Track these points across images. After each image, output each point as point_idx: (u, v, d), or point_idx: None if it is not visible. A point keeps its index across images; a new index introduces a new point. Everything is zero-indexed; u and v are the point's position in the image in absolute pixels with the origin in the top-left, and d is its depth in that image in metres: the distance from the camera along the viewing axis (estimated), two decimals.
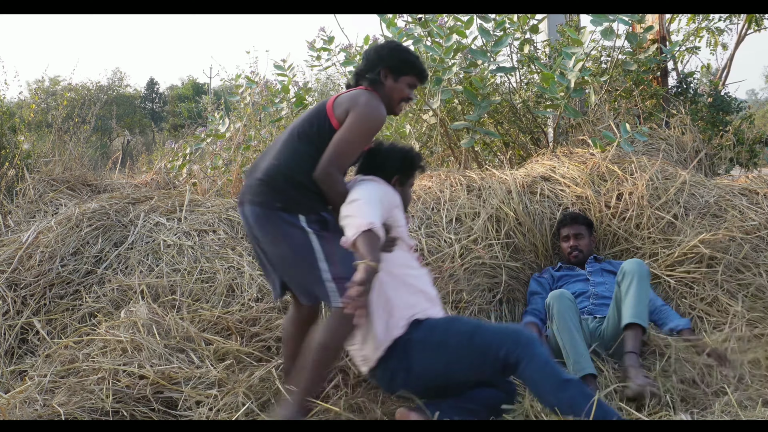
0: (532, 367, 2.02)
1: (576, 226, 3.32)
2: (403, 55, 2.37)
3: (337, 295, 2.11)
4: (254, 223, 2.21)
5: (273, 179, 2.19)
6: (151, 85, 30.55)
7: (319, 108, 2.30)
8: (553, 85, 3.85)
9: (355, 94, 2.28)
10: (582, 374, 2.54)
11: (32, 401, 2.32)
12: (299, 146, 2.24)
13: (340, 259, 2.13)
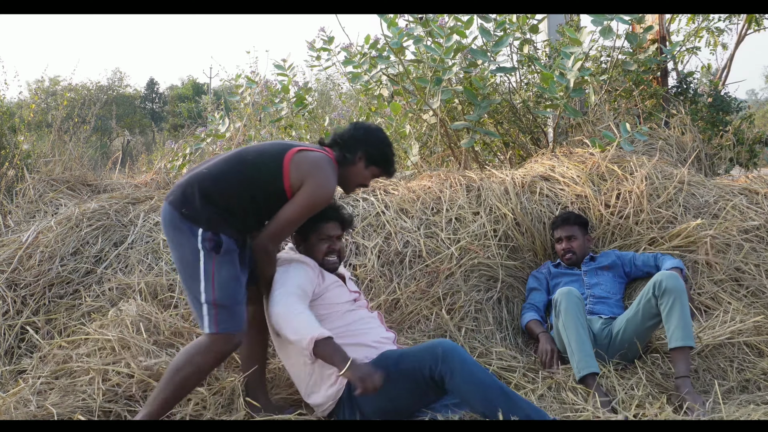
0: (455, 381, 2.08)
1: (568, 227, 3.27)
2: (387, 150, 2.42)
3: (209, 321, 2.10)
4: (163, 222, 2.22)
5: (190, 185, 2.18)
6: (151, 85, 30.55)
7: (277, 154, 2.24)
8: (553, 85, 3.85)
9: (317, 163, 2.25)
10: (586, 372, 2.55)
11: (26, 402, 2.32)
12: (236, 170, 2.21)
13: (219, 285, 2.11)
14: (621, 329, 2.83)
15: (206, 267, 2.12)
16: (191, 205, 2.15)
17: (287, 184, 2.21)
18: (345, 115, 5.89)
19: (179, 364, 2.13)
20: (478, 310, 3.13)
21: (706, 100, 5.17)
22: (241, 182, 2.20)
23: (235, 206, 2.19)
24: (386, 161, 2.42)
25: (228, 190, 2.19)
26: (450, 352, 2.11)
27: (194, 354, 2.13)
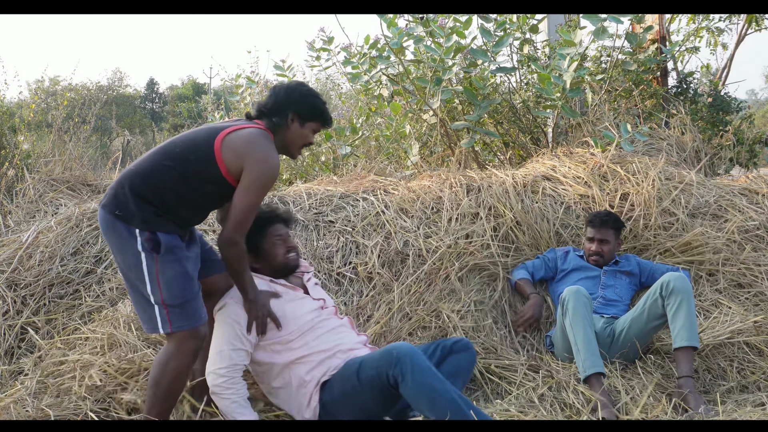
0: (406, 385, 2.08)
1: (604, 230, 3.18)
2: (314, 101, 2.32)
3: (162, 322, 2.08)
4: (101, 227, 2.15)
5: (121, 185, 2.11)
6: (151, 85, 30.54)
7: (207, 141, 2.15)
8: (549, 86, 3.85)
9: (250, 139, 2.16)
10: (593, 372, 2.56)
11: (23, 403, 2.33)
12: (165, 164, 2.12)
13: (166, 285, 2.07)
14: (625, 328, 2.83)
15: (149, 269, 2.06)
16: (124, 206, 2.07)
17: (224, 169, 2.13)
18: (345, 115, 5.89)
19: (156, 377, 2.11)
20: (479, 310, 3.12)
21: (706, 100, 5.17)
22: (172, 176, 2.11)
23: (171, 201, 2.11)
24: (319, 113, 2.32)
25: (160, 186, 2.10)
26: (403, 356, 2.09)
27: (166, 362, 2.11)
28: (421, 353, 2.13)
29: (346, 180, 3.89)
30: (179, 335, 2.09)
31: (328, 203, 3.53)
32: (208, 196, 2.19)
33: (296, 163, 5.04)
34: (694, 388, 2.48)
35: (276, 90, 2.32)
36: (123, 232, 2.07)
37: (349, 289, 3.08)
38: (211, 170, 2.13)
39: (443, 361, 2.38)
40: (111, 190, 2.12)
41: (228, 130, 2.17)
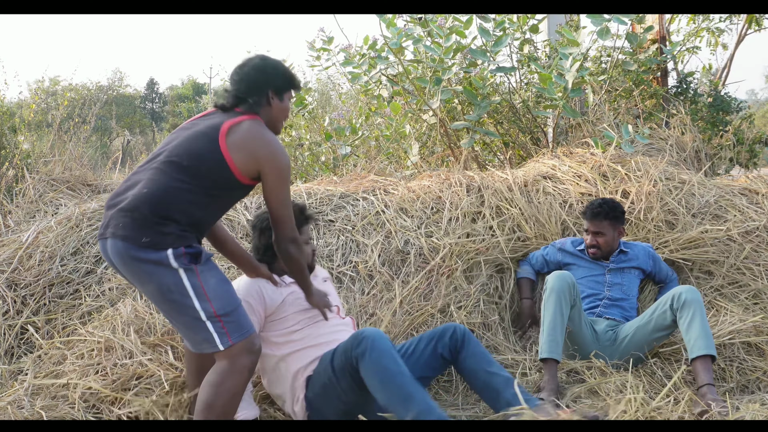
0: (363, 366, 2.08)
1: (597, 222, 3.08)
2: (284, 70, 2.23)
3: (219, 337, 1.97)
4: (117, 260, 1.98)
5: (139, 210, 1.95)
6: (151, 85, 30.56)
7: (209, 144, 2.06)
8: (551, 86, 3.85)
9: (253, 136, 2.09)
10: (547, 356, 2.60)
11: (20, 404, 2.33)
12: (176, 178, 2.01)
13: (214, 294, 1.98)
14: (628, 335, 2.82)
15: (192, 283, 1.95)
16: (150, 231, 1.93)
17: (237, 173, 2.06)
18: (345, 115, 5.89)
19: (209, 399, 1.99)
20: (486, 307, 3.12)
21: (706, 100, 5.17)
22: (191, 191, 2.02)
23: (196, 215, 2.04)
24: (292, 80, 2.24)
25: (183, 203, 2.00)
26: (366, 337, 2.09)
27: (221, 382, 1.99)
28: (386, 338, 2.12)
29: (346, 180, 3.89)
30: (233, 351, 1.98)
31: (328, 203, 3.53)
32: (230, 200, 2.17)
33: (296, 163, 5.04)
34: (717, 395, 2.44)
35: (244, 71, 2.19)
36: (150, 258, 1.93)
37: (350, 287, 3.08)
38: (227, 176, 2.07)
39: (459, 356, 2.37)
40: (123, 219, 1.96)
41: (224, 129, 2.08)
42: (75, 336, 2.72)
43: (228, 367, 1.99)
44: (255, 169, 2.08)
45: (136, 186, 2.01)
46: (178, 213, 1.98)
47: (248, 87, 2.17)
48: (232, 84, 2.20)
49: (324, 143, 4.87)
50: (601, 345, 2.86)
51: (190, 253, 1.96)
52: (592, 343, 2.86)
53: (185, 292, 1.95)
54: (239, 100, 2.18)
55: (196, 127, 2.13)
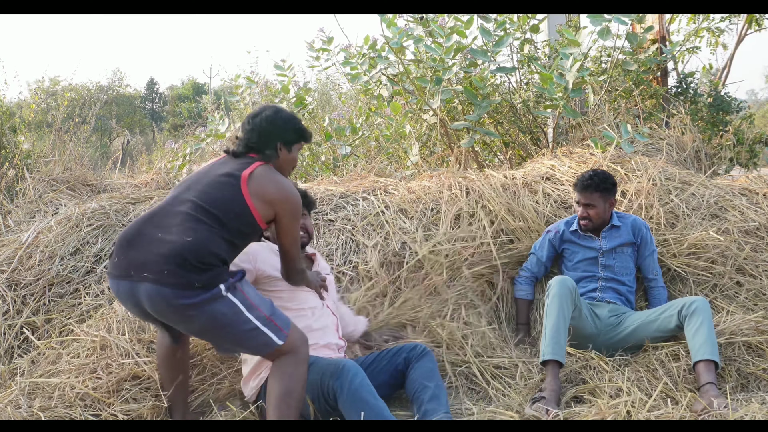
0: (342, 397, 2.17)
1: (587, 194, 3.09)
2: (295, 124, 2.36)
3: (275, 334, 2.12)
4: (158, 305, 2.02)
5: (186, 259, 2.01)
6: (151, 85, 30.53)
7: (235, 193, 2.17)
8: (552, 86, 3.85)
9: (270, 182, 2.21)
10: (551, 358, 2.60)
11: (18, 404, 2.34)
12: (211, 225, 2.11)
13: (259, 302, 2.14)
14: (631, 327, 2.86)
15: (240, 299, 2.09)
16: (201, 274, 2.01)
17: (258, 218, 2.20)
18: (345, 115, 5.89)
19: (288, 387, 2.12)
20: (477, 311, 3.12)
21: (706, 100, 5.17)
22: (225, 240, 2.12)
23: (232, 255, 2.18)
24: (302, 133, 2.39)
25: (222, 245, 2.11)
26: (347, 370, 2.19)
27: (292, 372, 2.13)
28: (363, 374, 2.22)
29: (346, 180, 3.89)
30: (292, 343, 2.14)
31: (328, 202, 3.53)
32: (246, 243, 2.28)
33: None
34: (719, 394, 2.44)
35: (255, 122, 2.32)
36: (200, 299, 2.01)
37: (348, 287, 3.08)
38: (251, 222, 2.19)
39: (411, 366, 2.46)
40: (169, 265, 1.99)
41: (244, 177, 2.19)
42: (71, 335, 2.72)
43: (293, 357, 2.14)
44: (272, 212, 2.22)
45: (171, 230, 2.07)
46: (216, 259, 2.08)
47: (259, 138, 2.30)
48: (243, 132, 2.33)
49: (324, 143, 4.87)
50: (601, 329, 2.89)
51: (235, 278, 2.12)
52: (592, 332, 2.90)
53: (237, 309, 2.07)
54: (249, 149, 2.31)
55: (215, 172, 2.24)
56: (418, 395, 2.37)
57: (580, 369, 2.74)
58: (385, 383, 2.50)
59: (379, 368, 2.51)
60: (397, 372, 2.49)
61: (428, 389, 2.36)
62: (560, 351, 2.61)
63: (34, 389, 2.45)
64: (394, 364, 2.50)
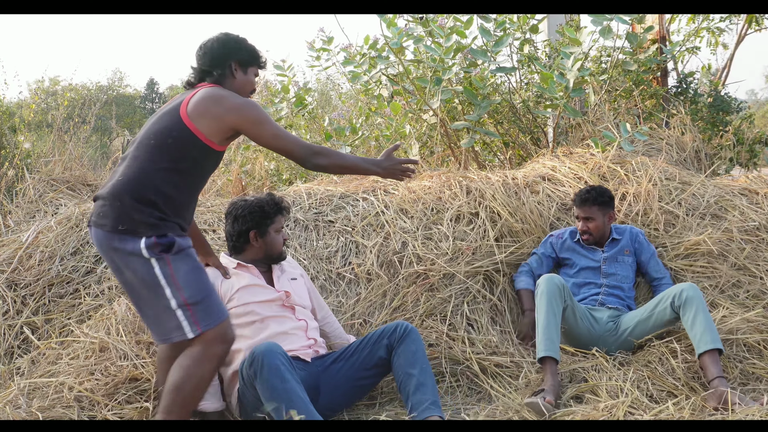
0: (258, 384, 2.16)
1: (586, 208, 3.15)
2: (249, 45, 2.28)
3: (189, 325, 1.98)
4: (98, 248, 2.04)
5: (117, 198, 2.00)
6: (151, 85, 30.54)
7: (172, 119, 2.10)
8: (552, 85, 3.85)
9: (212, 98, 2.12)
10: (545, 354, 2.60)
11: (16, 403, 2.34)
12: (147, 159, 2.05)
13: (185, 282, 1.99)
14: (629, 328, 2.88)
15: (164, 272, 1.97)
16: (126, 218, 1.97)
17: (202, 137, 2.09)
18: (345, 115, 5.89)
19: (178, 382, 2.00)
20: (478, 309, 3.12)
21: (706, 100, 5.17)
22: (164, 169, 2.05)
23: (172, 194, 2.05)
24: (257, 55, 2.30)
25: (160, 185, 2.03)
26: (258, 355, 2.17)
27: (190, 366, 2.00)
28: (276, 353, 2.17)
29: (346, 180, 3.89)
30: (206, 338, 1.99)
31: (328, 203, 3.53)
32: (201, 172, 2.17)
33: None
34: (728, 386, 2.45)
35: (208, 46, 2.24)
36: (128, 245, 1.96)
37: (346, 290, 3.08)
38: (196, 145, 2.10)
39: (394, 352, 2.42)
40: (103, 207, 2.01)
41: (185, 101, 2.12)
42: (71, 336, 2.72)
43: (199, 354, 2.00)
44: (225, 129, 2.12)
45: (116, 175, 2.07)
46: (154, 194, 2.01)
47: (212, 60, 2.22)
48: (197, 59, 2.25)
49: (324, 143, 4.88)
50: (600, 335, 2.91)
51: (162, 243, 1.98)
52: (590, 337, 2.91)
53: (156, 281, 1.97)
54: (204, 73, 2.23)
55: (162, 110, 2.19)
56: (404, 386, 2.34)
57: (581, 368, 2.74)
58: (369, 375, 2.48)
59: (360, 360, 2.46)
60: (382, 361, 2.45)
61: (412, 378, 2.32)
62: (553, 347, 2.62)
63: (33, 389, 2.45)
64: (376, 356, 2.44)
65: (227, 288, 2.50)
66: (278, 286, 2.59)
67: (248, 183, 4.80)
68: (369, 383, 2.54)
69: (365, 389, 2.57)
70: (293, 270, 2.73)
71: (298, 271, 2.76)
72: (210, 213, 3.55)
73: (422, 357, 2.39)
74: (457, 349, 2.85)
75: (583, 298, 3.09)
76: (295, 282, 2.67)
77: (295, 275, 2.70)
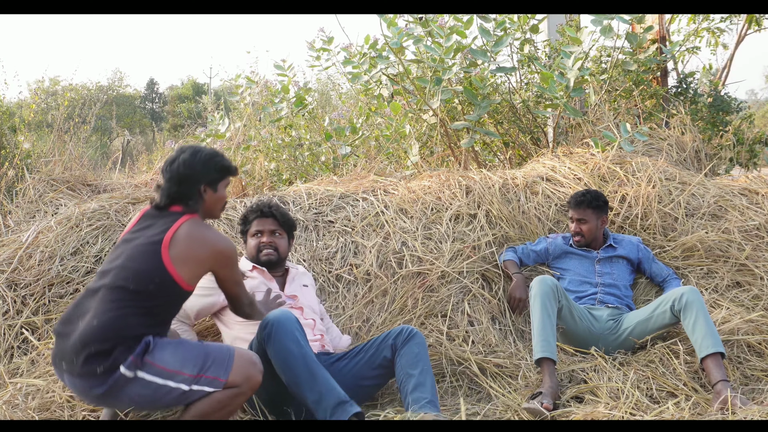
0: (271, 347, 2.22)
1: (580, 210, 3.21)
2: (216, 162, 2.21)
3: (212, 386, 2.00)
4: (81, 396, 2.01)
5: (90, 346, 1.92)
6: (151, 85, 30.51)
7: (154, 261, 2.04)
8: (553, 85, 3.85)
9: (191, 238, 2.08)
10: (542, 356, 2.62)
11: (14, 404, 2.34)
12: (123, 305, 1.99)
13: (180, 366, 1.98)
14: (629, 329, 2.89)
15: (158, 373, 1.95)
16: (103, 359, 1.91)
17: (184, 284, 2.07)
18: (345, 115, 5.89)
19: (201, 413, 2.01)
20: (477, 309, 3.12)
21: (706, 100, 5.17)
22: (137, 314, 2.00)
23: (145, 332, 2.00)
24: (226, 170, 2.24)
25: (132, 327, 1.98)
26: (270, 322, 2.23)
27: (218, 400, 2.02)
28: (291, 320, 2.23)
29: (346, 180, 3.89)
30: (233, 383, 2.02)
31: (327, 203, 3.53)
32: (176, 308, 2.15)
33: (296, 162, 5.04)
34: (732, 390, 2.44)
35: (173, 169, 2.16)
36: (110, 383, 1.91)
37: (345, 292, 3.08)
38: (175, 291, 2.07)
39: (397, 353, 2.45)
40: (77, 356, 1.92)
41: (165, 243, 2.06)
42: None
43: (231, 391, 2.04)
44: (202, 272, 2.13)
45: (86, 315, 1.99)
46: (126, 338, 1.96)
47: (179, 185, 2.16)
48: (163, 181, 2.18)
49: (324, 143, 4.87)
50: (600, 333, 2.92)
51: (139, 352, 1.95)
52: (590, 336, 2.92)
53: (156, 385, 1.95)
54: (172, 199, 2.17)
55: (137, 240, 2.11)
56: (403, 386, 2.37)
57: (580, 368, 2.74)
58: (373, 375, 2.50)
59: (365, 360, 2.50)
60: (386, 361, 2.47)
61: (412, 378, 2.35)
62: (549, 348, 2.62)
63: (32, 389, 2.45)
64: (381, 356, 2.47)
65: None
66: (288, 290, 2.71)
67: (248, 183, 4.80)
68: (373, 384, 2.55)
69: (369, 390, 2.57)
70: (306, 278, 2.87)
71: (310, 280, 2.89)
72: None
73: (424, 359, 2.42)
74: (456, 349, 2.85)
75: (581, 297, 3.10)
76: (306, 288, 2.79)
77: (307, 283, 2.84)
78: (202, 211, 2.22)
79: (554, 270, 3.29)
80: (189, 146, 2.24)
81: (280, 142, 5.08)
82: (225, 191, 2.27)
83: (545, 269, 3.34)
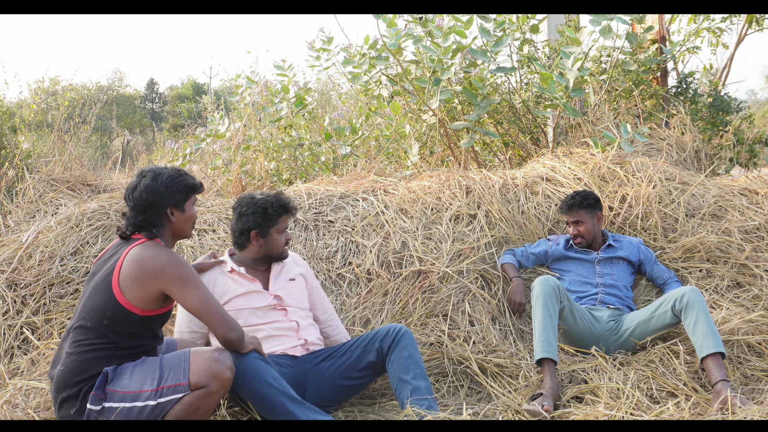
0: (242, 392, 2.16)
1: (574, 212, 3.22)
2: (180, 183, 2.17)
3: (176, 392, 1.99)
4: None
5: (61, 392, 2.02)
6: (151, 85, 30.51)
7: (106, 295, 2.04)
8: (552, 85, 3.85)
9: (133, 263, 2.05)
10: (543, 356, 2.61)
11: (14, 404, 2.35)
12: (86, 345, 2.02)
13: (140, 385, 1.99)
14: (630, 329, 2.89)
15: (121, 398, 1.97)
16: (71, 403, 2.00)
17: (139, 311, 2.05)
18: (345, 115, 5.89)
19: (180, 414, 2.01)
20: (476, 309, 3.12)
21: (706, 100, 5.17)
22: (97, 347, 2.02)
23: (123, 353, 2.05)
24: (190, 188, 2.20)
25: (99, 359, 2.02)
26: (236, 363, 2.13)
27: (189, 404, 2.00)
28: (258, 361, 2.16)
29: (346, 180, 3.89)
30: (197, 384, 2.00)
31: (327, 203, 3.53)
32: (144, 336, 2.12)
33: (296, 162, 5.04)
34: (732, 390, 2.44)
35: (135, 197, 2.12)
36: (88, 415, 1.97)
37: (346, 290, 3.08)
38: (132, 319, 2.05)
39: (387, 358, 2.43)
40: (55, 400, 2.03)
41: (115, 274, 2.05)
42: None
43: (201, 391, 2.00)
44: (149, 293, 2.05)
45: (60, 359, 2.05)
46: (91, 378, 2.00)
47: (144, 212, 2.12)
48: (128, 208, 2.16)
49: (324, 143, 4.87)
50: (601, 334, 2.92)
51: (100, 386, 1.98)
52: (591, 336, 2.92)
53: (125, 409, 1.97)
54: (137, 227, 2.14)
55: (96, 276, 2.11)
56: (399, 393, 2.36)
57: (581, 369, 2.74)
58: (358, 376, 2.48)
59: (350, 360, 2.48)
60: (371, 364, 2.46)
61: (407, 384, 2.34)
62: (550, 348, 2.63)
63: (31, 389, 2.45)
64: (366, 358, 2.46)
65: (220, 293, 2.52)
66: (272, 288, 2.59)
67: (248, 183, 4.81)
68: (358, 384, 2.54)
69: (354, 389, 2.57)
70: (295, 268, 2.71)
71: (300, 270, 2.73)
72: (210, 213, 3.55)
73: (415, 361, 2.40)
74: (457, 348, 2.85)
75: (582, 297, 3.10)
76: (293, 282, 2.65)
77: (295, 275, 2.68)
78: (171, 233, 2.19)
79: (554, 272, 3.29)
80: (149, 169, 2.18)
81: (280, 142, 5.08)
82: (193, 208, 2.23)
83: (545, 270, 3.34)
